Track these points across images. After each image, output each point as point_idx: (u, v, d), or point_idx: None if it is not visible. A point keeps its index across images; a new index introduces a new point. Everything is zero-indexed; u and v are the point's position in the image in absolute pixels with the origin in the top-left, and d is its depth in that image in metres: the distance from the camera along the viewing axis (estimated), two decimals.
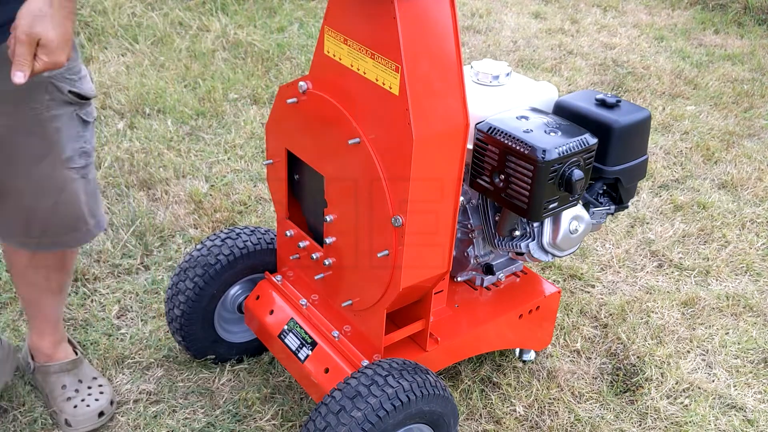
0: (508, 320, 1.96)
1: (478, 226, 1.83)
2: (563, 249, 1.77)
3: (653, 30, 4.76)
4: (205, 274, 1.93)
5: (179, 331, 2.00)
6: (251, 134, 3.26)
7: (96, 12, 4.15)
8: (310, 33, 4.31)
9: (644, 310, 2.42)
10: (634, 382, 2.14)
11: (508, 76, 1.75)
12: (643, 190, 3.05)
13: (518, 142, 1.56)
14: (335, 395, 1.55)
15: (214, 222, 2.69)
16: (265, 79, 3.78)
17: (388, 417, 1.52)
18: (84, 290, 2.33)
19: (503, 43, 4.46)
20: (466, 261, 1.90)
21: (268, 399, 2.02)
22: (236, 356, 2.12)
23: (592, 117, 1.70)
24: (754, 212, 2.94)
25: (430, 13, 1.38)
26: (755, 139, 3.52)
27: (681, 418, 2.03)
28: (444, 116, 1.45)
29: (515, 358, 2.19)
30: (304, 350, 1.81)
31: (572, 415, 2.03)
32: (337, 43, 1.50)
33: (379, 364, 1.60)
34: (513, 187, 1.60)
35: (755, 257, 2.69)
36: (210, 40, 4.08)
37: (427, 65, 1.40)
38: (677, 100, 3.85)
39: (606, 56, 4.33)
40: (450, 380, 2.10)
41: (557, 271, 2.56)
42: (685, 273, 2.60)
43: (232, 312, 2.06)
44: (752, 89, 4.00)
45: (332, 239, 1.67)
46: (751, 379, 2.18)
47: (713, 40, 4.67)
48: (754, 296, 2.51)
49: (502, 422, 1.99)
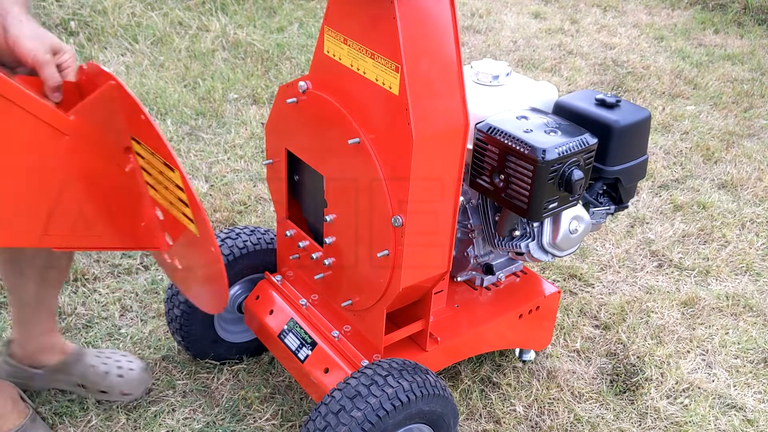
0: (508, 320, 1.96)
1: (478, 226, 1.83)
2: (563, 249, 1.77)
3: (653, 30, 4.76)
4: None
5: (179, 331, 2.00)
6: (251, 134, 3.26)
7: (96, 12, 4.15)
8: (310, 33, 4.31)
9: (644, 310, 2.42)
10: (634, 382, 2.14)
11: (508, 76, 1.75)
12: (643, 190, 3.05)
13: (518, 142, 1.56)
14: (335, 395, 1.55)
15: (213, 222, 2.69)
16: (265, 79, 3.78)
17: (388, 417, 1.52)
18: (84, 290, 2.33)
19: (503, 43, 4.46)
20: (466, 261, 1.90)
21: (267, 399, 2.02)
22: (236, 356, 2.12)
23: (592, 117, 1.70)
24: (754, 212, 2.94)
25: (430, 13, 1.38)
26: (755, 139, 3.52)
27: (681, 418, 2.03)
28: (444, 116, 1.44)
29: (515, 358, 2.19)
30: (304, 350, 1.81)
31: (572, 414, 2.03)
32: (337, 43, 1.50)
33: (379, 364, 1.60)
34: (513, 187, 1.60)
35: (755, 257, 2.69)
36: (210, 40, 4.08)
37: (427, 65, 1.40)
38: (677, 100, 3.85)
39: (606, 56, 4.34)
40: (450, 380, 2.10)
41: (557, 271, 2.56)
42: (685, 273, 2.60)
43: (232, 312, 2.06)
44: (752, 89, 4.00)
45: (332, 239, 1.67)
46: (751, 379, 2.18)
47: (713, 40, 4.67)
48: (754, 296, 2.51)
49: (502, 422, 1.99)
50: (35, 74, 1.27)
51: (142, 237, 1.39)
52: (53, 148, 1.18)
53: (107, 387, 1.92)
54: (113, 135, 1.24)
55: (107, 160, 1.26)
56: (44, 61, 1.25)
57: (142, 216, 1.36)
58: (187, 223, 1.26)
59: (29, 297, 1.83)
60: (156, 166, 1.24)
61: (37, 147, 1.17)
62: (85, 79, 1.27)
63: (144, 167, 1.29)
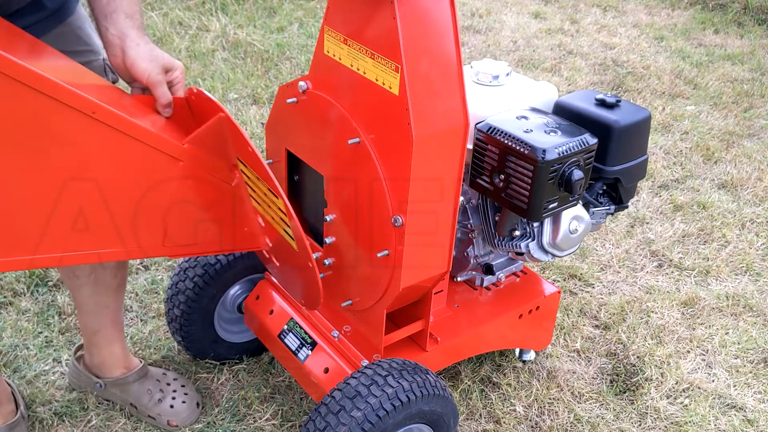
0: (508, 320, 1.96)
1: (478, 226, 1.83)
2: (563, 249, 1.77)
3: (653, 30, 4.76)
4: (205, 274, 1.93)
5: (179, 331, 2.00)
6: (251, 134, 3.26)
7: None
8: (310, 33, 4.31)
9: (644, 310, 2.42)
10: (634, 382, 2.14)
11: (508, 76, 1.75)
12: (643, 190, 3.05)
13: (518, 142, 1.56)
14: (335, 395, 1.55)
15: None
16: (265, 79, 3.78)
17: (388, 417, 1.52)
18: None
19: (503, 43, 4.46)
20: (466, 261, 1.90)
21: (267, 399, 2.02)
22: (236, 356, 2.12)
23: (592, 117, 1.70)
24: (754, 212, 2.94)
25: (430, 13, 1.38)
26: (755, 139, 3.52)
27: (681, 418, 2.03)
28: (444, 116, 1.44)
29: (515, 358, 2.19)
30: (304, 350, 1.81)
31: (572, 414, 2.03)
32: (337, 43, 1.50)
33: (378, 364, 1.60)
34: (513, 187, 1.60)
35: (755, 257, 2.69)
36: (210, 40, 4.08)
37: (427, 65, 1.40)
38: (677, 100, 3.86)
39: (606, 56, 4.34)
40: (450, 380, 2.10)
41: (557, 271, 2.56)
42: (685, 273, 2.60)
43: (232, 312, 2.06)
44: (752, 89, 4.00)
45: (332, 239, 1.67)
46: (751, 379, 2.18)
47: (713, 40, 4.67)
48: (754, 296, 2.51)
49: (502, 422, 1.99)
50: (148, 91, 1.42)
51: (246, 240, 1.57)
52: (170, 171, 1.38)
53: (157, 414, 1.92)
54: (221, 157, 1.43)
55: (216, 177, 1.45)
56: (157, 82, 1.39)
57: (245, 222, 1.55)
58: (289, 240, 1.45)
59: (87, 302, 1.84)
60: (261, 188, 1.42)
61: (158, 171, 1.37)
62: (195, 99, 1.43)
63: (248, 183, 1.47)
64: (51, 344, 2.16)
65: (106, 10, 1.39)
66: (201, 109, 1.43)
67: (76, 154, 1.27)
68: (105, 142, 1.28)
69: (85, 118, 1.23)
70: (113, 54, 1.40)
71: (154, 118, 1.41)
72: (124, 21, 1.39)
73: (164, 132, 1.36)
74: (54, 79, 1.18)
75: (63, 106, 1.21)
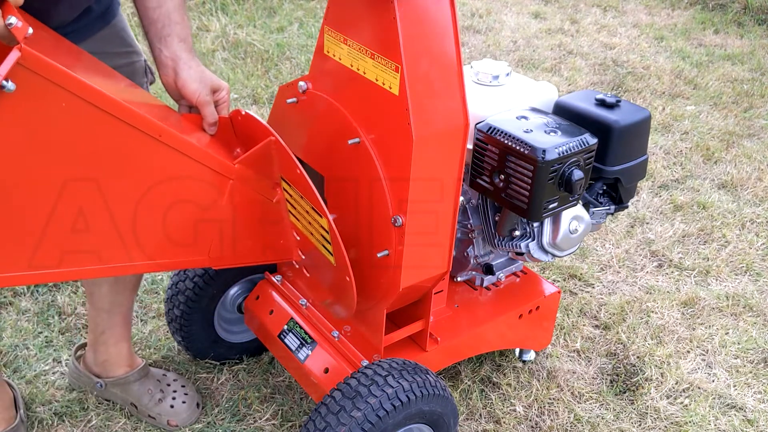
0: (507, 320, 1.96)
1: (478, 226, 1.83)
2: (563, 249, 1.77)
3: (653, 30, 4.76)
4: (205, 274, 1.93)
5: (179, 331, 2.00)
6: None
7: None
8: (310, 33, 4.31)
9: (644, 310, 2.42)
10: (634, 382, 2.14)
11: (508, 76, 1.75)
12: (643, 190, 3.05)
13: (518, 142, 1.56)
14: (335, 395, 1.55)
15: None
16: (265, 79, 3.78)
17: (388, 417, 1.52)
18: (83, 290, 2.33)
19: (503, 43, 4.46)
20: (466, 261, 1.90)
21: (267, 399, 2.02)
22: (236, 356, 2.12)
23: (592, 117, 1.70)
24: (754, 212, 2.94)
25: (430, 13, 1.38)
26: (755, 139, 3.52)
27: (681, 418, 2.03)
28: (444, 116, 1.44)
29: (515, 358, 2.19)
30: (304, 350, 1.81)
31: (572, 415, 2.03)
32: (337, 43, 1.50)
33: (378, 364, 1.60)
34: (513, 187, 1.60)
35: (755, 257, 2.69)
36: (210, 39, 4.08)
37: (427, 65, 1.40)
38: (677, 100, 3.85)
39: (606, 56, 4.33)
40: (450, 380, 2.10)
41: (557, 271, 2.56)
42: (685, 273, 2.60)
43: (232, 312, 2.06)
44: (752, 89, 4.00)
45: None
46: (751, 379, 2.18)
47: (713, 40, 4.67)
48: (754, 296, 2.50)
49: (502, 422, 1.99)
50: (195, 109, 1.50)
51: (281, 251, 1.67)
52: (221, 188, 1.47)
53: (157, 414, 1.92)
54: (267, 175, 1.52)
55: (260, 194, 1.54)
56: (206, 102, 1.47)
57: (282, 235, 1.64)
58: (327, 254, 1.54)
59: (103, 300, 1.85)
60: (303, 205, 1.50)
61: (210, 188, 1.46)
62: (241, 120, 1.51)
63: (288, 200, 1.55)
64: (51, 344, 2.16)
65: (161, 34, 1.46)
66: (246, 130, 1.51)
67: (143, 175, 1.36)
68: (167, 163, 1.37)
69: (153, 141, 1.32)
70: (165, 74, 1.47)
71: (200, 135, 1.49)
72: (178, 44, 1.46)
73: (211, 149, 1.45)
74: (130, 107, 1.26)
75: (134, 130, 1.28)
